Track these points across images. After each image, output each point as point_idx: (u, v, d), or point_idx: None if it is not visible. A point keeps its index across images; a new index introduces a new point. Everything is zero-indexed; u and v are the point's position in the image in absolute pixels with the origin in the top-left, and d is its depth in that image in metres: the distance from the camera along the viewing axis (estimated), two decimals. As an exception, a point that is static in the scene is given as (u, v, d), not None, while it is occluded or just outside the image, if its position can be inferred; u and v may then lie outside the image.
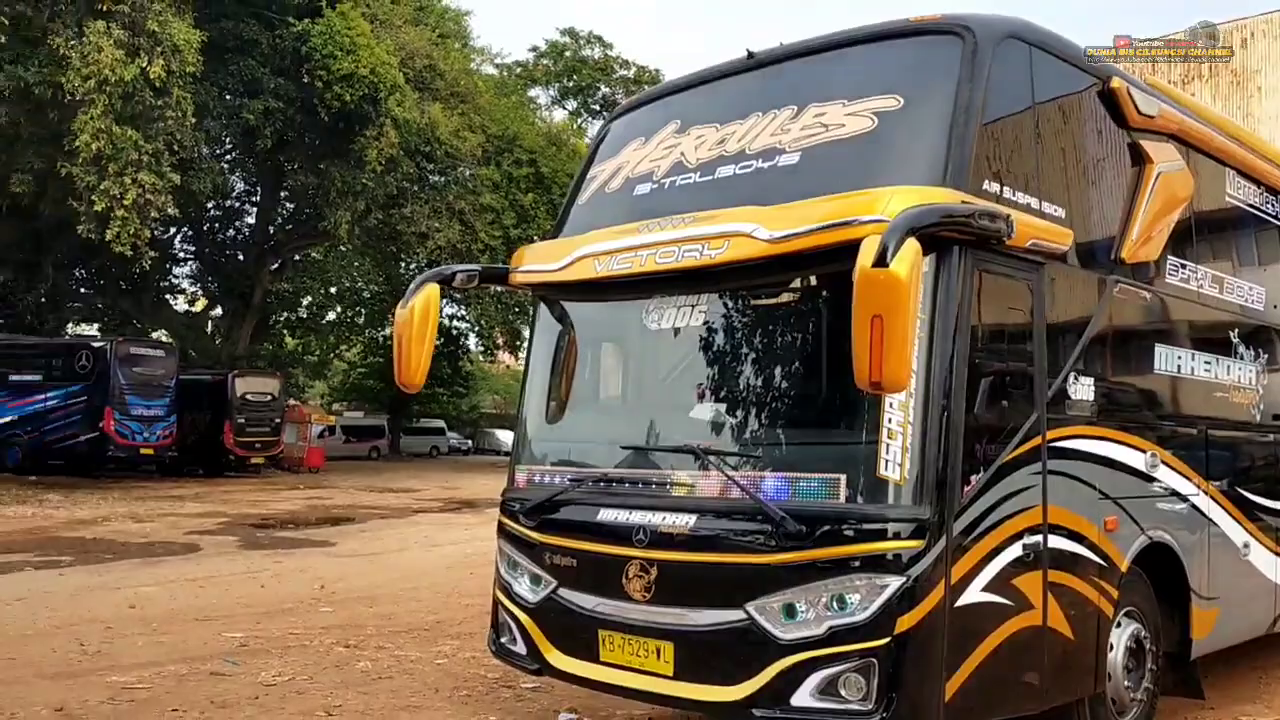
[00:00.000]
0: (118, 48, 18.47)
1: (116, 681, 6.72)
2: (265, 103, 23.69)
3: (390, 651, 7.77)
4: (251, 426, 29.61)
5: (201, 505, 20.22)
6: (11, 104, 19.60)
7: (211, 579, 11.37)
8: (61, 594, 10.19)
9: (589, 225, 5.79)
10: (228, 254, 36.03)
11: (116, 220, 19.42)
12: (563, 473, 5.67)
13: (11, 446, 26.64)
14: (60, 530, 15.73)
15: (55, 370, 27.45)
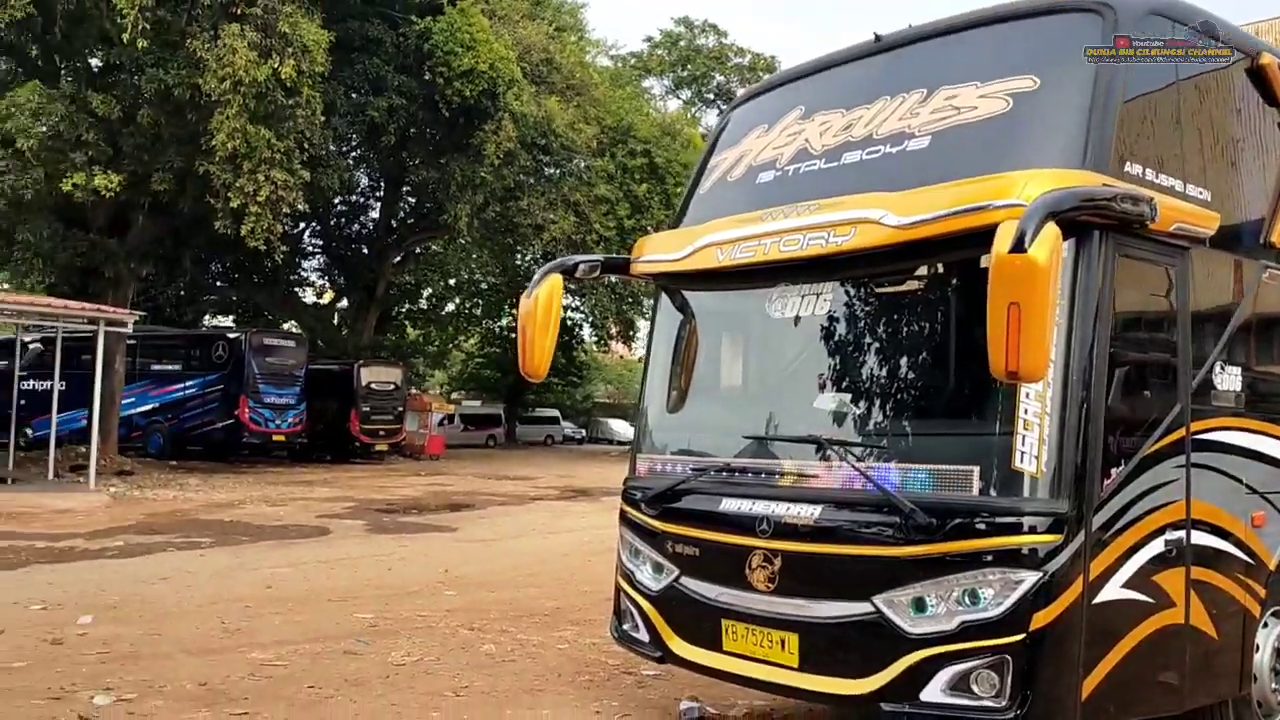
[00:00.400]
0: (251, 50, 19.13)
1: (256, 658, 7.01)
2: (389, 100, 24.27)
3: (512, 635, 7.92)
4: (376, 415, 30.54)
5: (330, 490, 20.92)
6: (153, 106, 20.49)
7: (341, 561, 11.76)
8: (203, 574, 10.68)
9: (711, 214, 5.77)
10: (353, 248, 37.12)
11: (251, 216, 20.16)
12: (684, 462, 5.68)
13: (154, 433, 28.06)
14: (200, 513, 16.49)
15: (194, 360, 28.82)
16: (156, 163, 21.34)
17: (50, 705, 5.82)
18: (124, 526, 14.42)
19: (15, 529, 13.88)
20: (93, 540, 12.94)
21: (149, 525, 14.68)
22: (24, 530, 13.78)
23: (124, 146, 21.10)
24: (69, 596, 9.08)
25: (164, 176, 21.25)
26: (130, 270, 24.60)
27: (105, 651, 7.08)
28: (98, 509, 16.45)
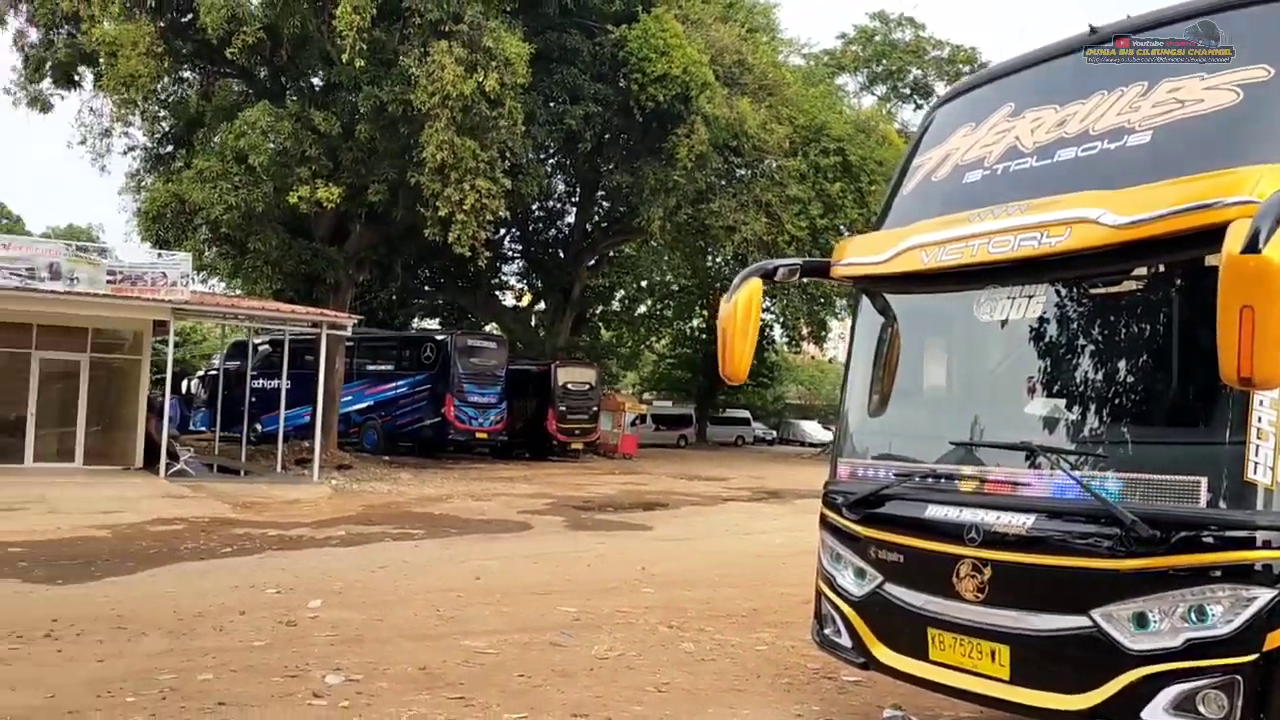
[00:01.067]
0: (458, 65, 20.07)
1: (469, 646, 7.37)
2: (586, 108, 24.92)
3: (711, 635, 8.01)
4: (572, 414, 31.38)
5: (530, 487, 21.66)
6: (369, 121, 21.79)
7: (544, 556, 12.19)
8: (416, 564, 11.30)
9: (915, 216, 5.66)
10: (550, 252, 38.26)
11: (457, 224, 21.15)
12: (886, 466, 5.61)
13: (369, 429, 29.80)
14: (412, 506, 17.41)
15: (405, 361, 30.45)
16: (372, 175, 22.67)
17: (288, 682, 6.31)
18: (345, 517, 15.41)
19: (250, 517, 15.07)
20: (318, 530, 13.90)
21: (367, 516, 15.62)
22: (257, 519, 14.93)
23: (343, 160, 22.53)
24: (300, 582, 9.80)
25: (379, 188, 22.54)
26: (349, 276, 26.22)
27: (334, 634, 7.61)
28: (321, 500, 17.63)
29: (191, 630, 7.60)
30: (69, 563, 10.62)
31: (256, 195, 21.61)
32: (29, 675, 6.24)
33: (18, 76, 25.44)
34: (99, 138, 26.56)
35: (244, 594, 9.09)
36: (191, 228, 24.80)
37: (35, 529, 12.72)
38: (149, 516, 14.29)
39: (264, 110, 21.21)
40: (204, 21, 19.86)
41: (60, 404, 21.30)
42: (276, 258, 24.50)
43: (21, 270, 17.92)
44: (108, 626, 7.60)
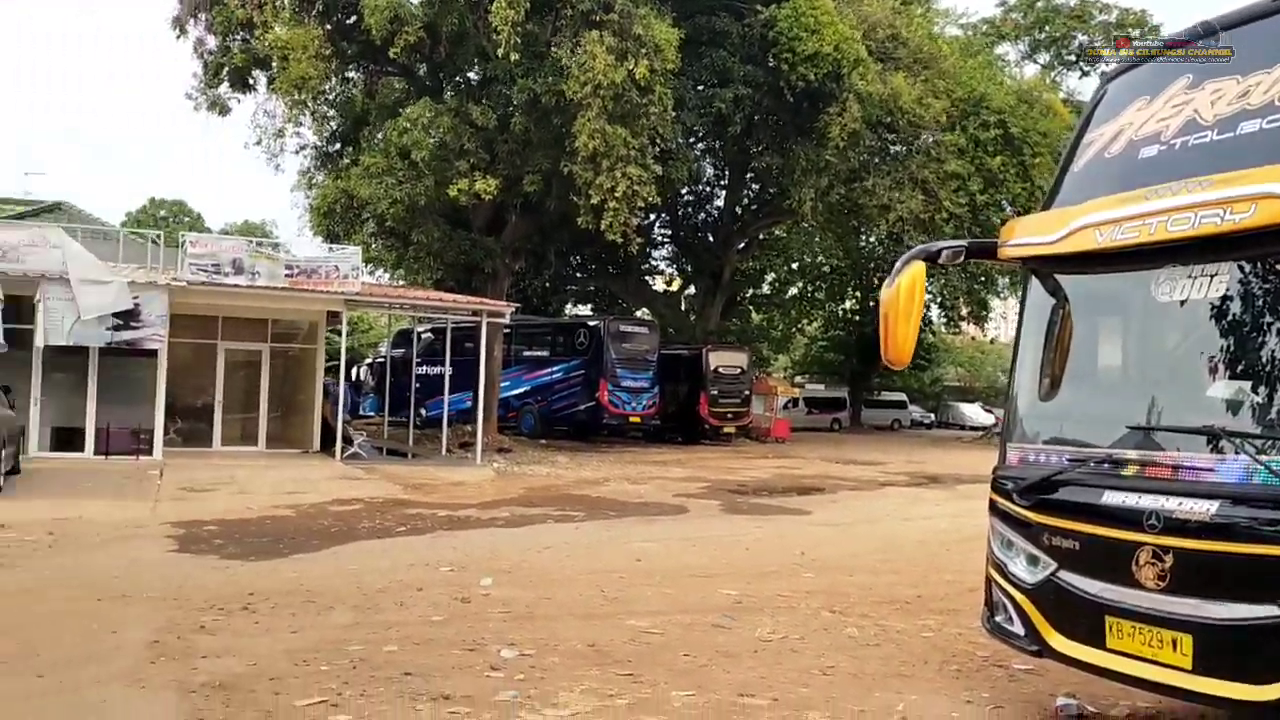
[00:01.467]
0: (609, 54, 20.36)
1: (634, 625, 7.57)
2: (735, 90, 24.87)
3: (874, 620, 7.98)
4: (724, 398, 31.45)
5: (683, 470, 21.87)
6: (524, 113, 22.34)
7: (701, 539, 12.34)
8: (579, 545, 11.61)
9: (1087, 193, 5.50)
10: (699, 236, 38.36)
11: (609, 211, 21.49)
12: (1059, 451, 5.48)
13: (527, 414, 30.59)
14: (570, 489, 17.85)
15: (559, 347, 31.10)
16: (527, 166, 23.22)
17: (466, 655, 6.63)
18: (508, 499, 15.93)
19: (420, 498, 15.75)
20: (484, 511, 14.43)
21: (528, 499, 16.11)
22: (427, 500, 15.60)
23: (499, 152, 23.15)
24: (470, 560, 10.22)
25: (533, 178, 23.08)
26: (506, 265, 26.95)
27: (506, 611, 7.93)
28: (485, 482, 18.26)
29: (375, 605, 8.04)
30: (259, 540, 11.36)
31: (419, 189, 22.43)
32: (232, 644, 6.74)
33: (198, 82, 27.00)
34: (273, 138, 28.04)
35: (420, 571, 9.55)
36: (359, 222, 25.96)
37: (228, 509, 13.63)
38: (328, 497, 15.12)
39: (425, 106, 21.98)
40: (368, 23, 20.71)
41: (243, 391, 22.71)
42: (438, 249, 25.37)
43: (208, 266, 19.14)
44: (299, 600, 8.12)
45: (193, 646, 6.61)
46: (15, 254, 17.54)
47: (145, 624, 7.20)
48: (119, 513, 12.94)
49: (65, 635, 6.84)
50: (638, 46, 20.62)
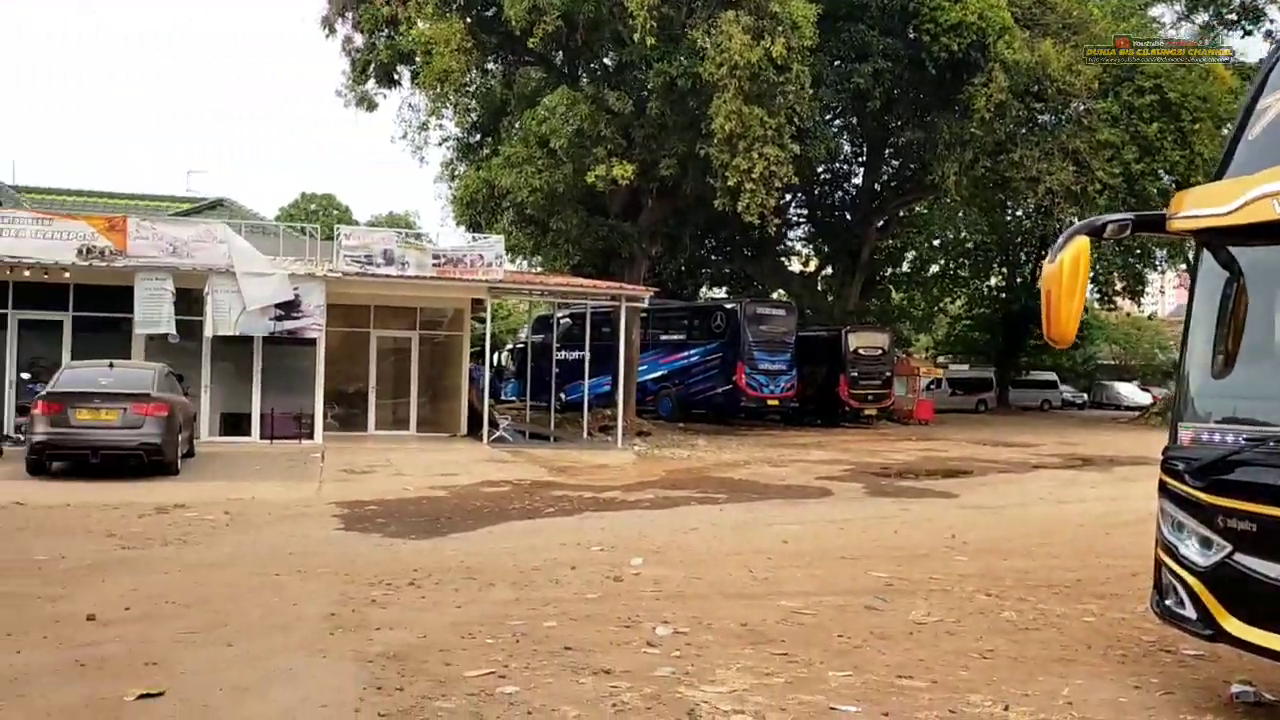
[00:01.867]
0: (745, 33, 20.26)
1: (785, 606, 7.58)
2: (874, 64, 24.41)
3: (1033, 604, 7.79)
4: (864, 380, 31.02)
5: (825, 453, 21.67)
6: (659, 98, 22.45)
7: (848, 521, 12.23)
8: (724, 526, 11.67)
9: (1263, 162, 5.22)
10: (836, 215, 37.84)
11: (746, 192, 21.42)
12: (1234, 431, 5.25)
13: (664, 397, 30.81)
14: (712, 471, 17.92)
15: (695, 330, 31.18)
16: (663, 150, 23.33)
17: (622, 631, 6.77)
18: (651, 481, 16.11)
19: (565, 480, 16.08)
20: (628, 493, 14.63)
21: (671, 481, 16.26)
22: (572, 482, 15.91)
23: (635, 137, 23.33)
24: (619, 540, 10.40)
25: (669, 162, 23.17)
26: (642, 250, 27.16)
27: (657, 590, 8.05)
28: (627, 465, 18.51)
29: (531, 582, 8.27)
30: (418, 520, 11.81)
31: (557, 176, 22.82)
32: (402, 617, 7.05)
33: (346, 79, 28.08)
34: (417, 131, 28.98)
35: (572, 551, 9.77)
36: (499, 210, 26.56)
37: (386, 490, 14.20)
38: (479, 479, 15.59)
39: (562, 95, 22.32)
40: (508, 14, 21.13)
41: (393, 377, 23.57)
42: (576, 235, 25.76)
43: (361, 257, 19.90)
44: (460, 577, 8.42)
45: (366, 619, 6.94)
46: (186, 249, 18.62)
47: (321, 597, 7.59)
48: (287, 493, 13.65)
49: (250, 607, 7.27)
50: (774, 25, 20.46)
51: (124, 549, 9.58)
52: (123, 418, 13.84)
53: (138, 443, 13.90)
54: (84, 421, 13.72)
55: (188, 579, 8.21)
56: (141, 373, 15.11)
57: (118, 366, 15.25)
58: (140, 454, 14.01)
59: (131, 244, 18.31)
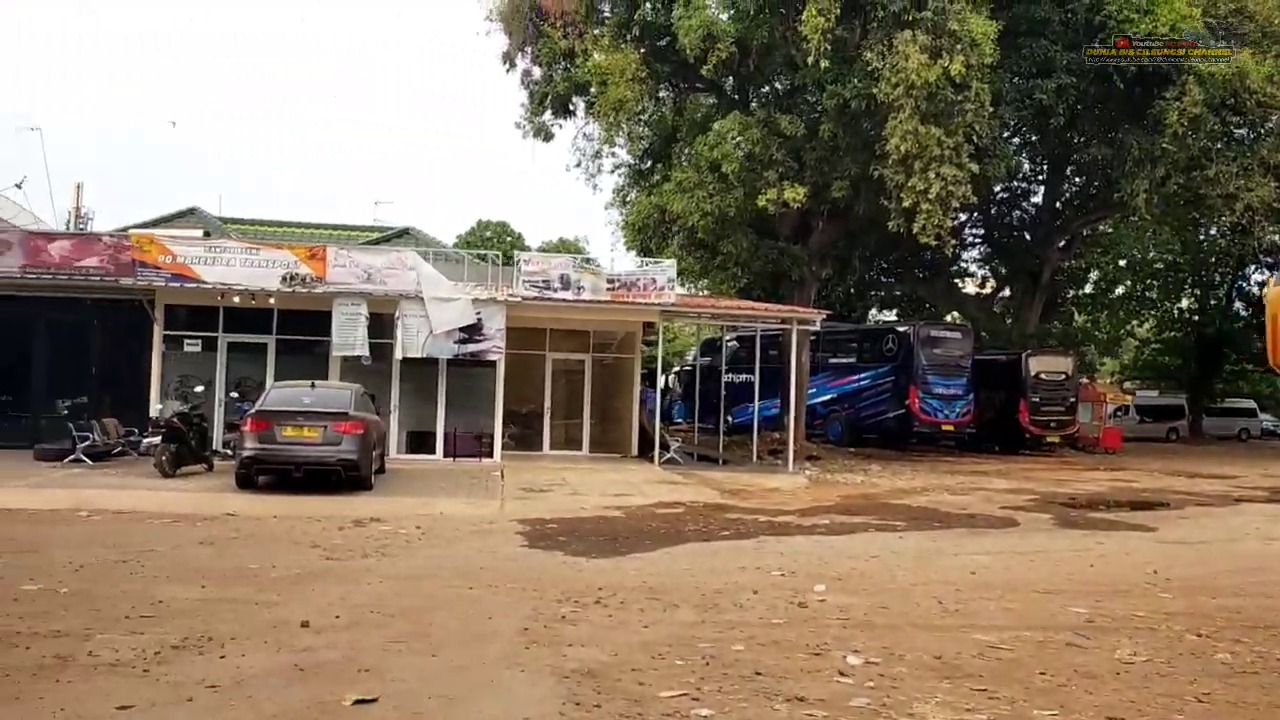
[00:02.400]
0: (922, 52, 19.93)
1: (980, 640, 7.36)
2: (1058, 80, 23.54)
3: (1249, 646, 7.33)
4: (1046, 405, 29.80)
5: (1007, 481, 20.90)
6: (832, 119, 22.29)
7: (1038, 553, 11.77)
8: (907, 554, 11.42)
9: None
10: (1014, 235, 36.56)
11: (922, 213, 21.00)
12: None
13: (833, 421, 30.38)
14: (887, 498, 17.56)
15: (866, 353, 30.63)
16: (835, 172, 23.13)
17: (812, 659, 6.72)
18: (825, 506, 15.91)
19: (737, 503, 16.07)
20: (803, 518, 14.50)
21: (846, 506, 16.02)
22: (745, 505, 15.88)
23: (806, 160, 23.22)
24: (798, 566, 10.32)
25: (842, 184, 22.96)
26: (812, 272, 26.97)
27: (844, 618, 7.95)
28: (799, 490, 18.34)
29: (715, 605, 8.30)
30: (597, 539, 12.03)
31: (729, 201, 22.91)
32: (592, 635, 7.20)
33: (524, 111, 28.99)
34: (591, 159, 29.62)
35: (752, 575, 9.76)
36: (670, 235, 26.85)
37: (565, 509, 14.53)
38: (653, 500, 15.75)
39: (734, 120, 22.44)
40: (682, 43, 21.44)
41: (567, 399, 24.11)
42: (746, 258, 25.78)
43: (539, 282, 20.48)
44: (644, 597, 8.53)
45: (559, 635, 7.12)
46: (379, 276, 19.60)
47: (514, 612, 7.84)
48: (472, 510, 14.14)
49: (448, 619, 7.57)
50: (953, 43, 20.06)
51: (327, 559, 10.13)
52: (323, 435, 14.64)
53: (337, 459, 14.67)
54: (289, 438, 14.57)
55: (389, 590, 8.62)
56: (340, 393, 15.95)
57: (319, 386, 16.19)
58: (338, 469, 14.79)
59: (330, 271, 19.41)
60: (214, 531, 11.78)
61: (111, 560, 9.64)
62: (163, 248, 19.24)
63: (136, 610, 7.50)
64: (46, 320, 20.55)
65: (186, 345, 20.36)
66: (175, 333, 20.30)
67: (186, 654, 6.37)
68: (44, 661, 6.08)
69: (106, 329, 20.73)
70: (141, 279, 19.05)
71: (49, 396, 19.90)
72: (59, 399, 19.26)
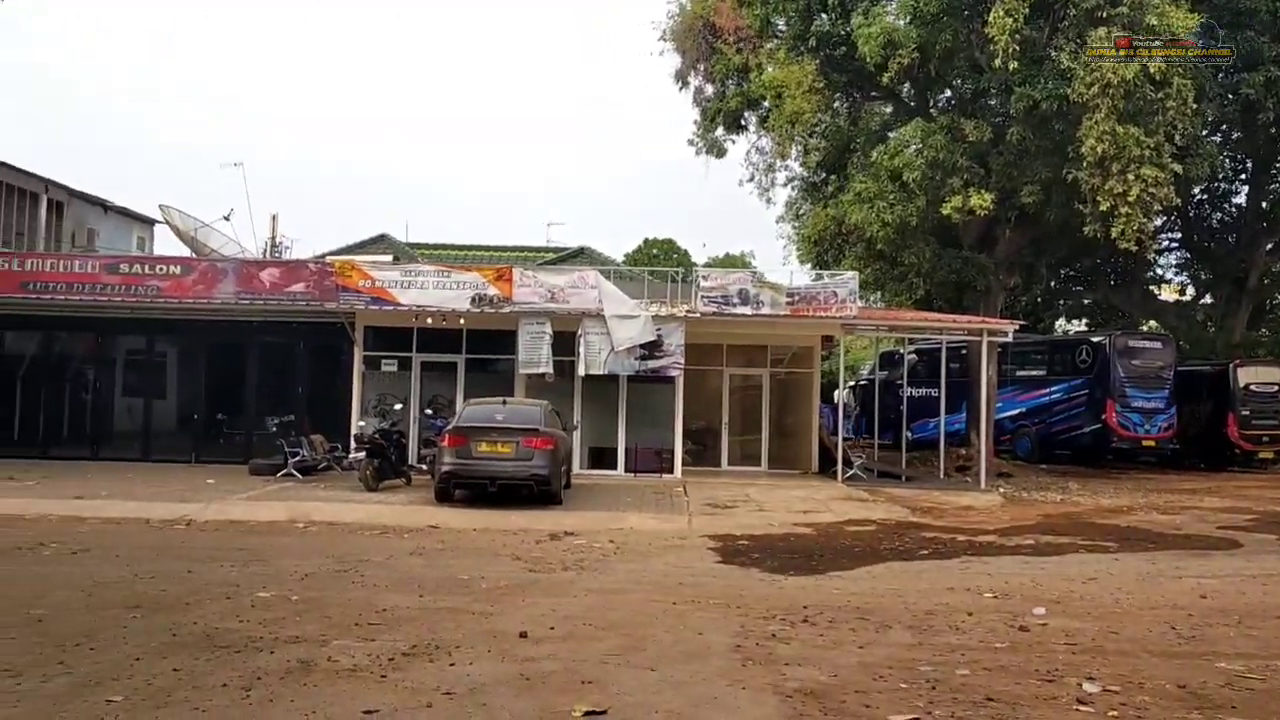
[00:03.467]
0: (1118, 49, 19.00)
1: (1225, 669, 6.87)
2: (1266, 73, 22.03)
3: None
4: (1257, 419, 27.72)
5: (1219, 500, 19.55)
6: (1020, 123, 21.44)
7: (1270, 576, 10.97)
8: (1125, 577, 10.80)
9: None
10: (1215, 238, 34.34)
11: (1120, 217, 19.95)
12: None
13: (1022, 437, 29.15)
14: (1091, 517, 16.69)
15: (1057, 365, 29.26)
16: (1024, 177, 22.24)
17: (1045, 686, 6.40)
18: (1026, 526, 15.25)
19: (931, 522, 15.59)
20: (1005, 537, 13.92)
21: (1048, 526, 15.30)
22: (939, 524, 15.39)
23: (992, 166, 22.42)
24: (1010, 588, 9.90)
25: (1032, 189, 22.04)
26: (999, 281, 25.98)
27: (1071, 644, 7.56)
28: (994, 508, 17.66)
29: (929, 627, 8.04)
30: (791, 556, 11.88)
31: (910, 210, 22.33)
32: (807, 654, 7.08)
33: (696, 128, 29.16)
34: (764, 173, 29.50)
35: (962, 596, 9.42)
36: (847, 247, 26.40)
37: (752, 525, 14.43)
38: (842, 517, 15.46)
39: (916, 127, 21.89)
40: (861, 52, 21.07)
41: (743, 414, 24.01)
42: (928, 269, 25.07)
43: (717, 297, 20.47)
44: (852, 616, 8.35)
45: (773, 653, 7.03)
46: (562, 295, 20.03)
47: (722, 628, 7.79)
48: (662, 525, 14.21)
49: (659, 633, 7.59)
50: (1150, 39, 19.01)
51: (530, 571, 10.35)
52: (516, 450, 15.03)
53: (529, 474, 15.04)
54: (483, 454, 15.03)
55: (596, 603, 8.72)
56: (531, 409, 16.34)
57: (510, 404, 16.65)
58: (530, 484, 15.15)
59: (516, 291, 19.95)
60: (421, 543, 12.23)
61: (333, 569, 10.13)
62: (363, 272, 20.21)
63: (364, 618, 7.84)
64: (257, 343, 21.91)
65: (384, 365, 21.32)
66: (373, 353, 21.29)
67: (418, 661, 6.60)
68: (289, 666, 6.40)
69: (310, 351, 21.97)
70: (344, 302, 20.07)
71: (260, 415, 21.22)
72: (269, 417, 20.51)
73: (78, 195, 26.36)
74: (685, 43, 27.30)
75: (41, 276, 20.50)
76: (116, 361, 23.10)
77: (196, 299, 20.51)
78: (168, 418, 22.77)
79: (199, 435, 21.95)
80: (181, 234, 26.08)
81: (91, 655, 6.57)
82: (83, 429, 22.46)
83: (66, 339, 22.67)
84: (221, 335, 22.03)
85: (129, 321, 21.64)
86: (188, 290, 20.48)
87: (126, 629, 7.36)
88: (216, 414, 22.26)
